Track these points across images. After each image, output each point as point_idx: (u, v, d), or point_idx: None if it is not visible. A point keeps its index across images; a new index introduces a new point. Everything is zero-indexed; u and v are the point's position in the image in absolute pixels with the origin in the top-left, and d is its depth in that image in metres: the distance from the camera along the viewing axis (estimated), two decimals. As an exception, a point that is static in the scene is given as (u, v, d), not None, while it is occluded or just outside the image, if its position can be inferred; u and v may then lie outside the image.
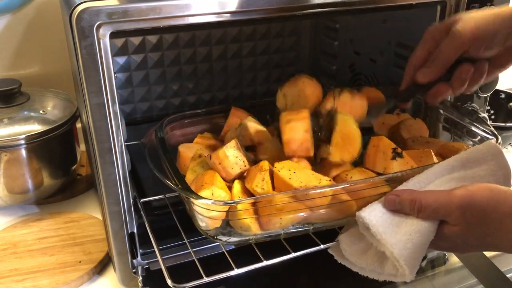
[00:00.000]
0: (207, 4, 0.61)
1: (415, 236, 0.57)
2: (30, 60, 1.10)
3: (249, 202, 0.62)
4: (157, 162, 0.69)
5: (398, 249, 0.57)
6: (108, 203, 0.67)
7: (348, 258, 0.64)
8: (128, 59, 1.06)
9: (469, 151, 0.65)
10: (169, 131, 0.80)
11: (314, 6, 0.68)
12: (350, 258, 0.64)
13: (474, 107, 0.84)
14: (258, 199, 0.62)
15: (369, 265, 0.62)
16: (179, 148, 0.76)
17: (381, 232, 0.58)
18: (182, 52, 1.10)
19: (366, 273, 0.64)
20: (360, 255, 0.63)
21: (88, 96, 0.60)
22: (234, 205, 0.61)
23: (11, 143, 0.85)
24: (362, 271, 0.64)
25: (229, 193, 0.65)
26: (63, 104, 0.96)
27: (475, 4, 0.77)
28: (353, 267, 0.65)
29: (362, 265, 0.63)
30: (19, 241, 0.84)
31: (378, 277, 0.62)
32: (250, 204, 0.62)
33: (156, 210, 0.78)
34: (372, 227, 0.58)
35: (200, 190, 0.62)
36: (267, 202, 0.61)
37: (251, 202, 0.62)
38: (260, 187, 0.63)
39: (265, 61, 1.19)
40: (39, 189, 0.92)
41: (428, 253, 0.81)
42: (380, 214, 0.60)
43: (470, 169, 0.63)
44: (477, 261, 0.77)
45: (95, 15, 0.57)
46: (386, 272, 0.60)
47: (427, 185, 0.62)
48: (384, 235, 0.57)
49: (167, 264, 0.73)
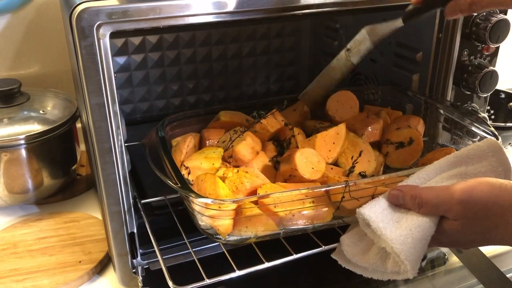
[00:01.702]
0: (207, 4, 0.61)
1: (415, 231, 0.57)
2: (30, 60, 1.10)
3: (250, 201, 0.62)
4: (157, 162, 0.69)
5: (399, 243, 0.57)
6: (108, 203, 0.67)
7: (350, 259, 0.64)
8: (128, 59, 1.06)
9: (469, 148, 0.64)
10: (169, 131, 0.80)
11: (314, 6, 0.68)
12: (352, 259, 0.64)
13: (474, 107, 0.84)
14: (261, 197, 0.62)
15: (372, 264, 0.62)
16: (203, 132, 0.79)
17: (381, 228, 0.58)
18: (182, 52, 1.10)
19: (369, 274, 0.63)
20: (362, 255, 0.63)
21: (88, 96, 0.60)
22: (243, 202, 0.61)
23: (11, 143, 0.85)
24: (366, 272, 0.64)
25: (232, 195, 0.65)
26: (63, 104, 0.96)
27: (475, 4, 0.77)
28: (357, 270, 0.65)
29: (364, 265, 0.63)
30: (19, 241, 0.84)
31: (382, 276, 0.62)
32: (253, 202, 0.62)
33: (156, 210, 0.78)
34: (373, 223, 0.59)
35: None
36: (274, 200, 0.61)
37: (253, 201, 0.62)
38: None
39: (265, 61, 1.19)
40: (39, 189, 0.92)
41: (429, 251, 0.81)
42: (380, 210, 0.60)
43: (471, 165, 0.63)
44: (477, 261, 0.77)
45: (95, 15, 0.57)
46: (389, 270, 0.60)
47: (427, 181, 0.63)
48: (384, 231, 0.58)
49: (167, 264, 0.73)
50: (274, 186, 0.67)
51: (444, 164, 0.64)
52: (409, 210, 0.59)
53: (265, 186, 0.67)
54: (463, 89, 0.82)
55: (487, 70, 0.78)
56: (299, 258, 0.67)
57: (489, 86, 0.80)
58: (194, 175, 0.70)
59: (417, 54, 0.85)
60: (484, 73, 0.78)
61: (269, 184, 0.68)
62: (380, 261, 0.61)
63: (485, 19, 0.76)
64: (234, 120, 0.83)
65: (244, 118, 0.84)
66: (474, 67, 0.80)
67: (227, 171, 0.69)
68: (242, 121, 0.83)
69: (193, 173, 0.71)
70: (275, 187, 0.67)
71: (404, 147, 0.78)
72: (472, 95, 0.84)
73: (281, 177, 0.72)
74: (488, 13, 0.77)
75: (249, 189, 0.67)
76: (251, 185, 0.67)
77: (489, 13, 0.77)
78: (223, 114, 0.84)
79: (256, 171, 0.72)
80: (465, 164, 0.63)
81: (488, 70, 0.78)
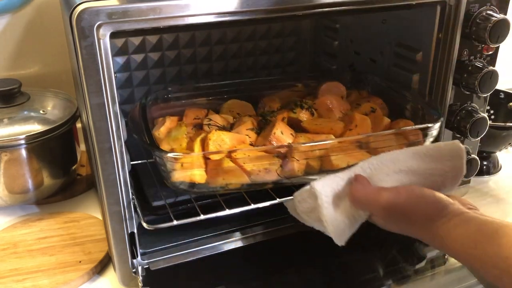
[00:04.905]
0: (207, 4, 0.61)
1: (349, 218, 0.66)
2: (30, 60, 1.10)
3: (200, 156, 0.71)
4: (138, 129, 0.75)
5: (333, 226, 0.65)
6: (108, 203, 0.67)
7: (299, 213, 0.71)
8: (128, 59, 1.06)
9: (430, 147, 0.69)
10: (153, 103, 0.87)
11: (314, 6, 0.68)
12: (301, 214, 0.70)
13: (474, 107, 0.84)
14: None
15: (313, 222, 0.69)
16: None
17: (325, 207, 0.65)
18: (182, 52, 1.10)
19: (316, 227, 0.69)
20: (308, 213, 0.69)
21: (88, 96, 0.60)
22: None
23: (11, 143, 0.85)
24: (309, 224, 0.70)
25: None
26: (63, 104, 0.96)
27: (475, 4, 0.77)
28: (304, 221, 0.71)
29: (308, 220, 0.70)
30: (19, 241, 0.84)
31: (323, 230, 0.68)
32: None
33: (157, 210, 0.78)
34: (320, 200, 0.65)
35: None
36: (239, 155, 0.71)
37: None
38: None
39: (265, 61, 1.19)
40: (39, 189, 0.92)
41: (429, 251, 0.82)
42: (330, 190, 0.66)
43: (424, 164, 0.66)
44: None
45: (95, 15, 0.57)
46: (326, 232, 0.67)
47: (379, 170, 0.67)
48: (325, 211, 0.65)
49: (167, 264, 0.74)
50: (246, 145, 0.77)
51: (401, 156, 0.67)
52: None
53: (243, 144, 0.77)
54: (463, 89, 0.82)
55: (487, 70, 0.78)
56: (256, 209, 0.75)
57: (489, 86, 0.80)
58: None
59: (417, 54, 0.85)
60: (484, 73, 0.78)
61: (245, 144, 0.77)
62: (320, 223, 0.67)
63: (485, 19, 0.76)
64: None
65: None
66: (474, 67, 0.80)
67: (211, 135, 0.75)
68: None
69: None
70: (247, 145, 0.77)
71: (368, 116, 0.84)
72: (472, 95, 0.84)
73: (261, 140, 0.79)
74: (488, 13, 0.77)
75: (231, 146, 0.75)
76: (231, 142, 0.76)
77: (489, 13, 0.77)
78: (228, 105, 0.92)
79: (235, 134, 0.79)
80: (420, 161, 0.67)
81: (488, 70, 0.78)
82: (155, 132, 0.81)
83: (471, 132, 0.82)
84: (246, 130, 0.81)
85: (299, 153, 0.72)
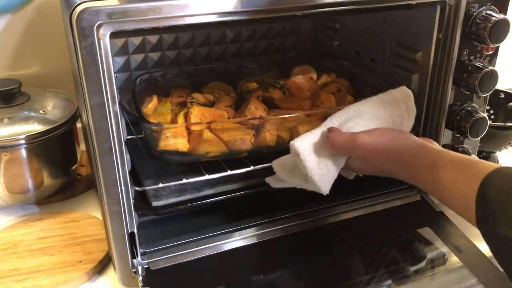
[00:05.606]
0: (207, 4, 0.61)
1: (329, 165, 0.72)
2: (30, 60, 1.10)
3: (182, 126, 0.79)
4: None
5: (317, 175, 0.71)
6: (108, 203, 0.67)
7: (281, 177, 0.77)
8: (128, 59, 1.06)
9: (384, 94, 0.78)
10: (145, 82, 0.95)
11: (314, 6, 0.68)
12: (283, 177, 0.77)
13: (474, 107, 0.84)
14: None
15: (296, 181, 0.75)
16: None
17: (307, 160, 0.71)
18: (182, 52, 1.10)
19: (299, 186, 0.76)
20: (290, 174, 0.76)
21: (88, 96, 0.60)
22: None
23: (11, 143, 0.85)
24: (291, 185, 0.77)
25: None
26: (63, 104, 0.96)
27: (475, 4, 0.77)
28: (285, 185, 0.78)
29: (290, 181, 0.76)
30: (19, 241, 0.84)
31: (306, 187, 0.75)
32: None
33: (157, 210, 0.78)
34: (301, 155, 0.71)
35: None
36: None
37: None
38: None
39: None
40: (39, 189, 0.92)
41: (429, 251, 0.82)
42: (308, 145, 0.72)
43: (385, 109, 0.76)
44: (477, 261, 0.77)
45: (95, 15, 0.57)
46: (310, 187, 0.74)
47: (347, 121, 0.74)
48: (308, 163, 0.71)
49: (167, 264, 0.74)
50: (224, 118, 0.85)
51: (363, 106, 0.76)
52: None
53: (221, 118, 0.84)
54: (463, 89, 0.82)
55: (486, 70, 0.78)
56: (232, 174, 0.81)
57: (489, 86, 0.80)
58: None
59: (417, 54, 0.85)
60: (484, 73, 0.78)
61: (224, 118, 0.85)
62: (303, 181, 0.74)
63: (485, 19, 0.76)
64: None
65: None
66: (473, 67, 0.80)
67: (193, 109, 0.83)
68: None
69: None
70: (225, 118, 0.85)
71: (334, 95, 0.93)
72: (472, 95, 0.84)
73: (238, 115, 0.87)
74: (488, 13, 0.77)
75: (210, 119, 0.83)
76: (212, 117, 0.83)
77: (489, 13, 0.77)
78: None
79: (215, 110, 0.86)
80: (380, 108, 0.76)
81: (487, 70, 0.78)
82: (143, 109, 0.87)
83: (471, 132, 0.83)
84: (225, 106, 0.88)
85: (270, 124, 0.82)
